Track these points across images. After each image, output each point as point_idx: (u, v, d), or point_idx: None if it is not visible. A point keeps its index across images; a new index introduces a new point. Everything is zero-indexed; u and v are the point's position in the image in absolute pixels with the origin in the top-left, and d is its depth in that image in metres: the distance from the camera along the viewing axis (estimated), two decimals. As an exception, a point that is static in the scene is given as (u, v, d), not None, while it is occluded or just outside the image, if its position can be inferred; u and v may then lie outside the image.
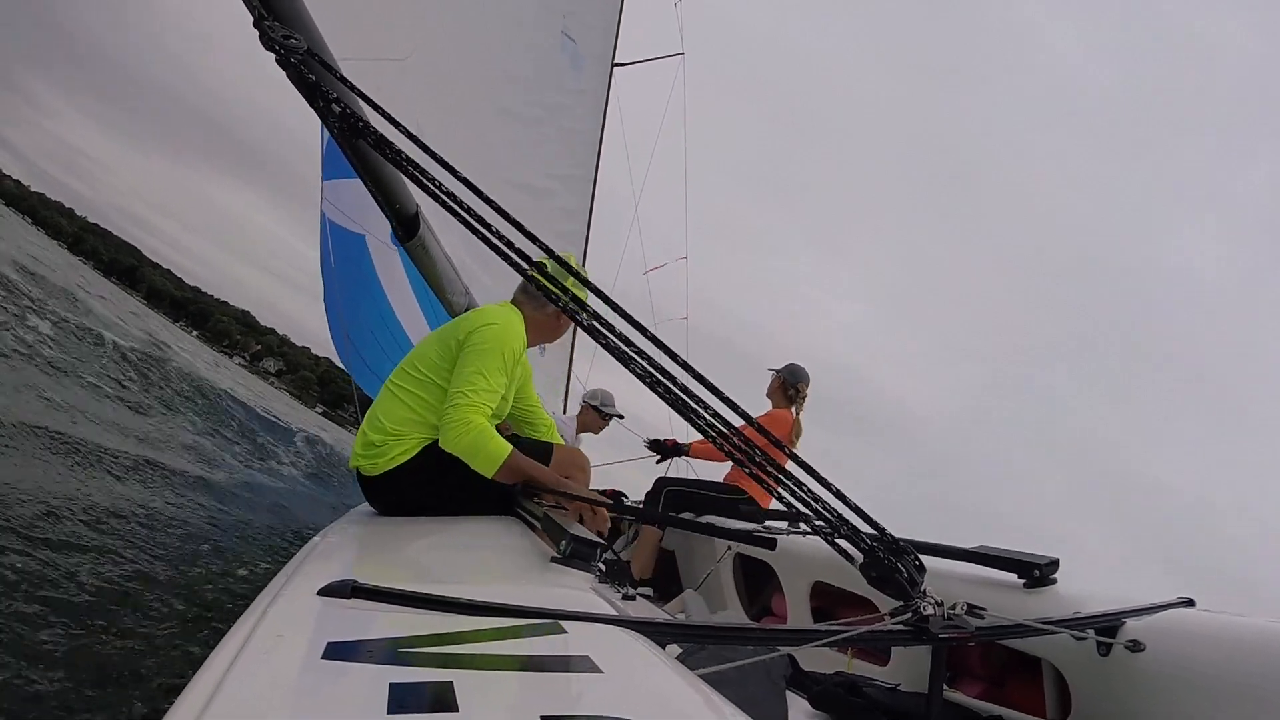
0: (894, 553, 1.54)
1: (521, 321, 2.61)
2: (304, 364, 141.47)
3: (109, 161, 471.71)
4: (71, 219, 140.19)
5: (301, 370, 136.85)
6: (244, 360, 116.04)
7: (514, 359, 2.47)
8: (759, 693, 1.64)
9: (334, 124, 1.74)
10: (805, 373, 4.69)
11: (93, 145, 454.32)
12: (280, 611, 1.04)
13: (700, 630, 1.44)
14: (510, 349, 2.45)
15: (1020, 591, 2.12)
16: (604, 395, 5.73)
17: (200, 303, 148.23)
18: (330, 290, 4.60)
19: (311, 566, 1.48)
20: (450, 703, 0.70)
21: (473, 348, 2.40)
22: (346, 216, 4.26)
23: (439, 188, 1.63)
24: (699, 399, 1.59)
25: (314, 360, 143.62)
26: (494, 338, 2.42)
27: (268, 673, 0.80)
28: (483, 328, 2.45)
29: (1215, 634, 1.78)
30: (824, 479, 1.57)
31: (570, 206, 7.02)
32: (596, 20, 7.15)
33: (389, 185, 2.62)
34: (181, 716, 0.68)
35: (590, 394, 5.77)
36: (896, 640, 1.75)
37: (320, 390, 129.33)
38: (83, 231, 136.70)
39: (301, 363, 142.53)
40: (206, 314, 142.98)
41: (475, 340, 2.41)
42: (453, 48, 4.72)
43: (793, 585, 3.09)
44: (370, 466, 2.45)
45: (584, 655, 0.90)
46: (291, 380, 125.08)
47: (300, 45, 1.68)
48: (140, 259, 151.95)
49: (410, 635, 0.93)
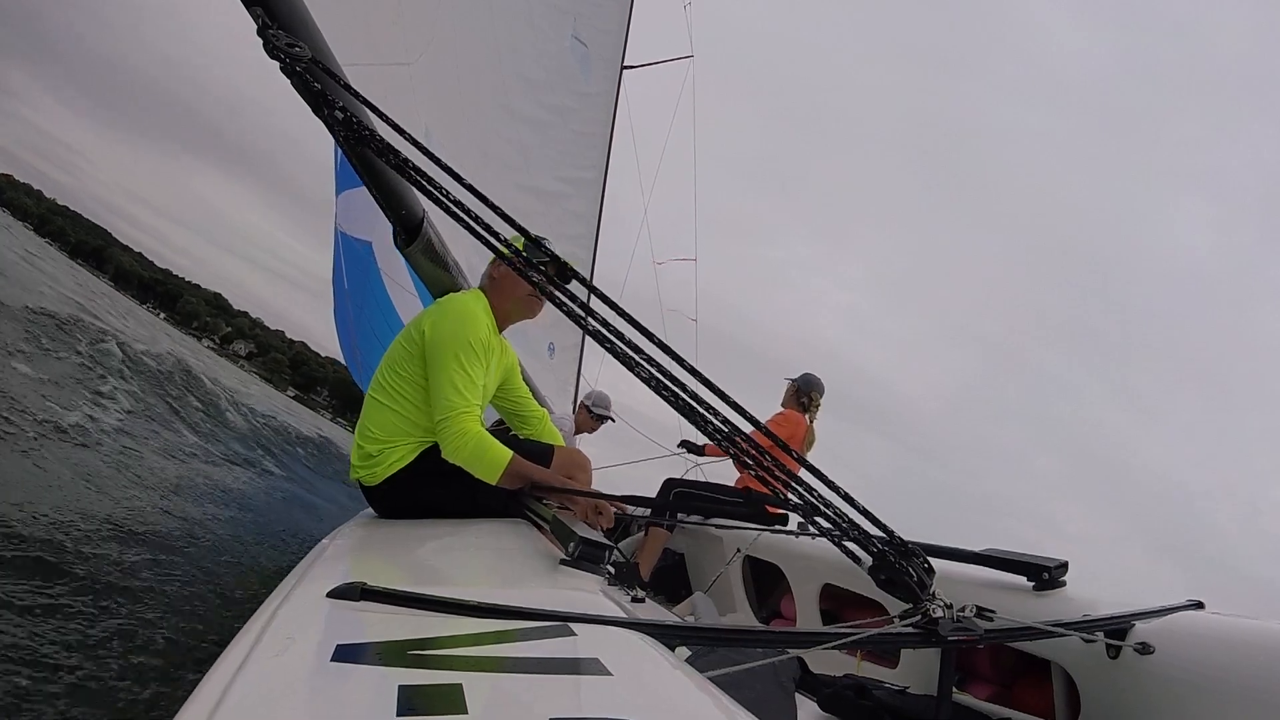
0: (903, 555, 1.54)
1: (483, 305, 2.56)
2: (275, 346, 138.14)
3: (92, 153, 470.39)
4: (40, 201, 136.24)
5: (273, 352, 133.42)
6: (213, 343, 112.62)
7: (483, 344, 2.41)
8: (768, 695, 1.64)
9: (339, 131, 1.75)
10: (820, 382, 4.74)
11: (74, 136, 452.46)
12: (290, 613, 1.05)
13: (709, 633, 1.45)
14: (474, 335, 2.39)
15: (1029, 594, 2.11)
16: (598, 396, 5.81)
17: (169, 284, 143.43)
18: (340, 301, 4.61)
19: (320, 569, 1.49)
20: (459, 705, 0.70)
21: (437, 346, 2.36)
22: (356, 225, 4.27)
23: (445, 194, 1.63)
24: (705, 402, 1.59)
25: (287, 344, 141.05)
26: (453, 328, 2.38)
27: (277, 674, 0.81)
28: (437, 321, 2.41)
29: (1224, 636, 1.78)
30: (832, 482, 1.57)
31: (579, 210, 7.03)
32: (606, 23, 7.16)
33: (394, 191, 2.63)
34: (191, 717, 0.68)
35: (587, 395, 5.83)
36: (906, 643, 1.75)
37: (292, 373, 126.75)
38: (50, 213, 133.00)
39: (273, 345, 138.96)
40: (175, 295, 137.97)
41: (436, 337, 2.38)
42: (462, 51, 4.72)
43: (802, 588, 3.09)
44: (370, 476, 2.45)
45: (593, 657, 0.90)
46: (262, 363, 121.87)
47: (304, 53, 1.68)
48: (109, 240, 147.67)
49: (419, 637, 0.93)
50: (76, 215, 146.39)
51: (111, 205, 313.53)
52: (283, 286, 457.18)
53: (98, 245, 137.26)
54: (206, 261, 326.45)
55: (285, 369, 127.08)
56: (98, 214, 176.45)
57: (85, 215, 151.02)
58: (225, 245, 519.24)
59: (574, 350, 7.36)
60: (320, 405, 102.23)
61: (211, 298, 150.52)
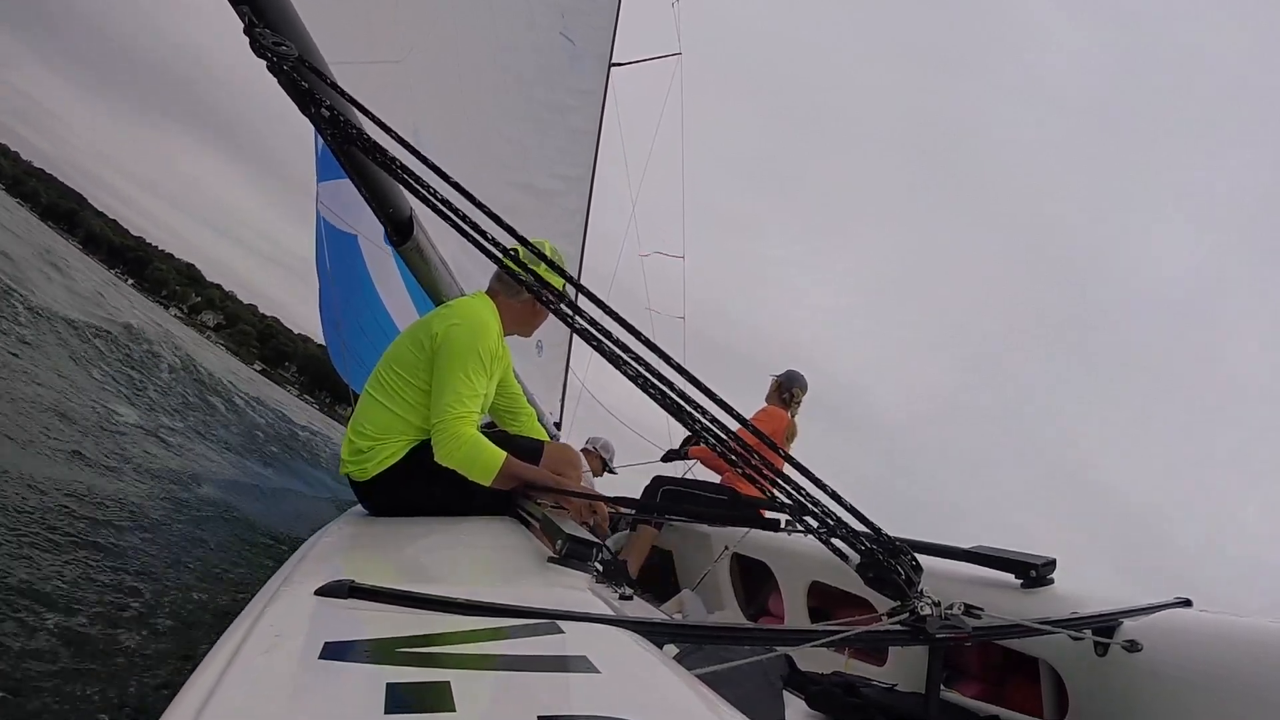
0: (891, 553, 1.55)
1: (493, 312, 2.56)
2: (244, 317, 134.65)
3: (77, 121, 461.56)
4: (16, 162, 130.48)
5: (240, 324, 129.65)
6: (180, 312, 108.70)
7: (491, 354, 2.43)
8: (756, 693, 1.64)
9: (326, 129, 1.74)
10: (802, 378, 4.84)
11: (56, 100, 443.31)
12: (277, 611, 1.04)
13: (697, 630, 1.45)
14: (485, 345, 2.40)
15: (1017, 592, 2.12)
16: (605, 444, 5.97)
17: (140, 251, 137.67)
18: (326, 293, 4.58)
19: (309, 566, 1.49)
20: (448, 703, 0.70)
21: (447, 352, 2.36)
22: (339, 218, 4.24)
23: (431, 193, 1.63)
24: (691, 400, 1.59)
25: (259, 318, 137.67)
26: (465, 337, 2.38)
27: (265, 673, 0.80)
28: (451, 328, 2.41)
29: (1212, 634, 1.79)
30: (819, 480, 1.57)
31: (571, 206, 7.05)
32: (594, 20, 7.16)
33: (382, 189, 2.62)
34: (179, 716, 0.68)
35: (593, 440, 5.92)
36: (894, 640, 1.76)
37: (260, 346, 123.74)
38: (25, 175, 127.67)
39: (241, 316, 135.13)
40: (144, 262, 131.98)
41: (447, 343, 2.38)
42: (451, 49, 4.71)
43: (790, 585, 3.09)
44: (360, 472, 2.45)
45: (581, 655, 0.90)
46: (230, 334, 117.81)
47: (291, 52, 1.68)
48: (83, 204, 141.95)
49: (408, 635, 0.93)
50: (52, 179, 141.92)
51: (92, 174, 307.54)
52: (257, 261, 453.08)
53: (70, 209, 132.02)
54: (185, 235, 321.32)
55: (253, 342, 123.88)
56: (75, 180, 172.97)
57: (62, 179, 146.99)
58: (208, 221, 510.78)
59: (562, 348, 7.38)
60: (288, 381, 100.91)
61: (184, 268, 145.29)
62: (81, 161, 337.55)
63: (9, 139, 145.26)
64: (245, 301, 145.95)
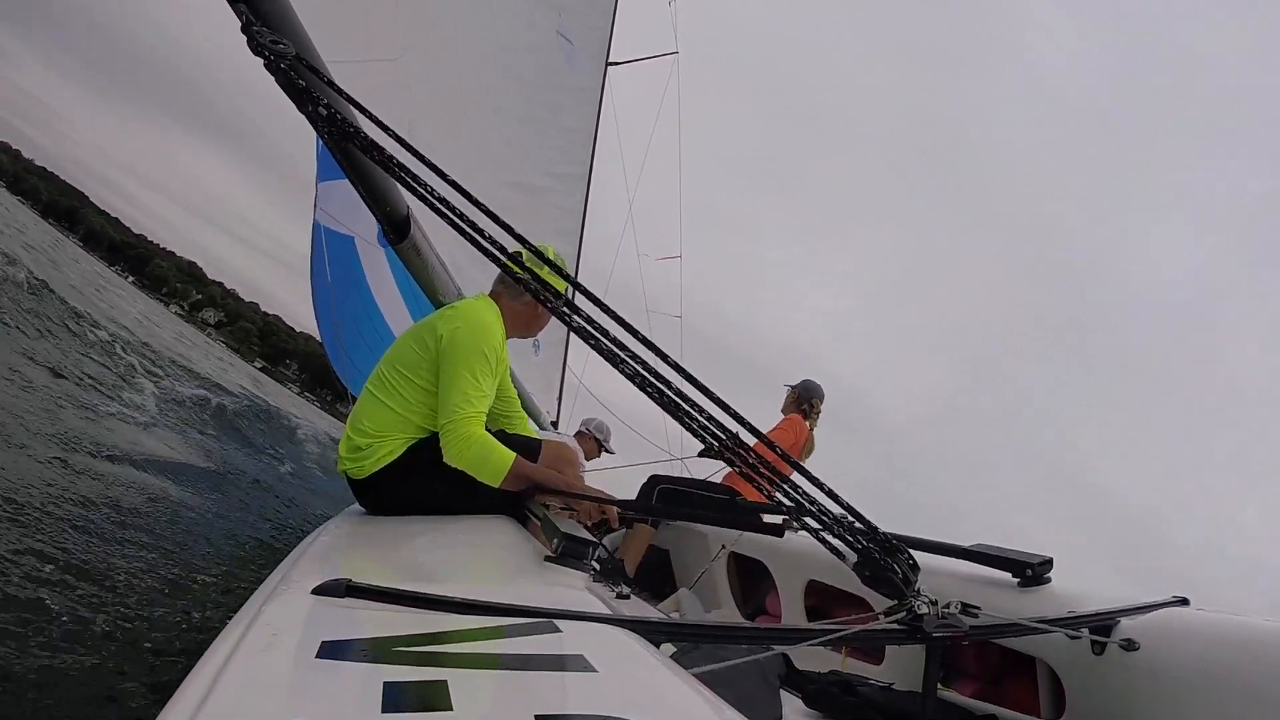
0: (887, 552, 1.55)
1: (496, 314, 2.57)
2: (245, 315, 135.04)
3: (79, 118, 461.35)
4: (17, 160, 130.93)
5: (242, 320, 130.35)
6: (181, 310, 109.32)
7: (496, 355, 2.45)
8: (753, 691, 1.64)
9: (323, 128, 1.74)
10: (820, 388, 4.84)
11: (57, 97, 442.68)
12: (274, 610, 1.04)
13: (694, 629, 1.45)
14: (490, 345, 2.41)
15: (1015, 590, 2.12)
16: (598, 424, 5.90)
17: (141, 248, 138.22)
18: (322, 294, 4.58)
19: (306, 565, 1.49)
20: (444, 702, 0.70)
21: (453, 353, 2.37)
22: (336, 220, 4.24)
23: (429, 191, 1.63)
24: (690, 399, 1.59)
25: (261, 316, 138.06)
26: (471, 338, 2.39)
27: (262, 671, 0.80)
28: (457, 330, 2.41)
29: (1209, 633, 1.79)
30: (816, 478, 1.57)
31: (566, 205, 7.04)
32: (591, 19, 7.17)
33: (379, 188, 2.62)
34: (176, 715, 0.68)
35: (588, 421, 5.89)
36: (891, 639, 1.76)
37: (260, 344, 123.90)
38: (26, 172, 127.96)
39: (243, 313, 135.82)
40: (145, 259, 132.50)
41: (453, 344, 2.38)
42: (449, 48, 4.71)
43: (787, 584, 3.09)
44: (358, 469, 2.44)
45: (578, 654, 0.90)
46: (230, 332, 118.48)
47: (288, 50, 1.67)
48: (84, 202, 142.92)
49: (405, 634, 0.93)
50: (53, 176, 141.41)
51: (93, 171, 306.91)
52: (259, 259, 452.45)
53: (71, 206, 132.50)
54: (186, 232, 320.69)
55: (254, 339, 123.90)
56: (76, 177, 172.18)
57: (62, 177, 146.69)
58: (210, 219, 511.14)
59: (559, 346, 7.39)
60: (289, 379, 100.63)
61: (186, 265, 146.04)
62: (83, 158, 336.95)
63: (10, 136, 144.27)
64: (247, 299, 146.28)
